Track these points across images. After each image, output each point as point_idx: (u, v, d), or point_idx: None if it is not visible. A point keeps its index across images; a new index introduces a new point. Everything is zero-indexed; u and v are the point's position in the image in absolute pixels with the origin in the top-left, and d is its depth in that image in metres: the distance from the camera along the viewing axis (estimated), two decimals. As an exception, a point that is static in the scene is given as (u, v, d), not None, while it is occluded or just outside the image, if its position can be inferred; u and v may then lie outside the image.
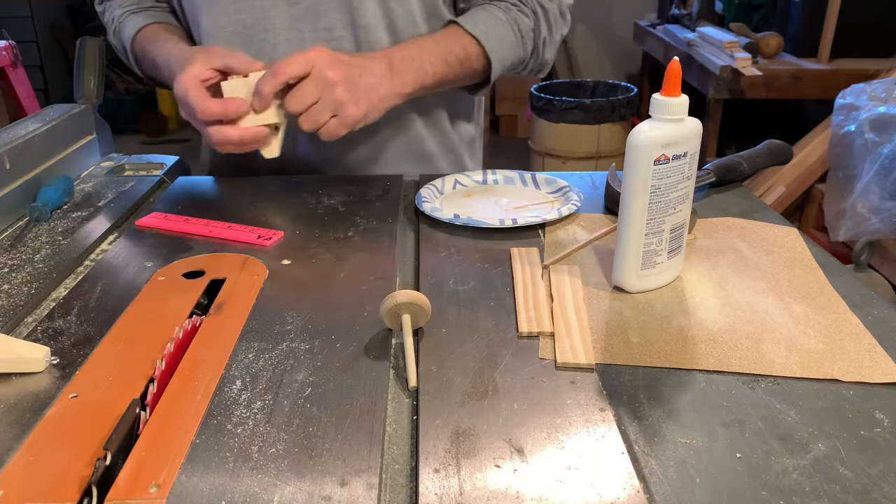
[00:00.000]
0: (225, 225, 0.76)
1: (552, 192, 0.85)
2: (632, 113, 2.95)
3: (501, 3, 0.91)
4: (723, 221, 0.76)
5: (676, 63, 0.56)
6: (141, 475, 0.41)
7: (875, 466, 0.42)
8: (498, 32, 0.89)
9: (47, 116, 0.90)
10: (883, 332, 0.56)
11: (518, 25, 0.91)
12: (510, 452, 0.43)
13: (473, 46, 0.88)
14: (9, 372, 0.52)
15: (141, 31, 0.93)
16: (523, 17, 0.91)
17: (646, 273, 0.62)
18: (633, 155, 0.58)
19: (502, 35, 0.89)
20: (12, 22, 3.52)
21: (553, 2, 0.93)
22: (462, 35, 0.88)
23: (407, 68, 0.83)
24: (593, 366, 0.52)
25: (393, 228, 0.76)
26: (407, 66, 0.83)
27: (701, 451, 0.43)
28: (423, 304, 0.55)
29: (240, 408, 0.47)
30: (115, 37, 0.98)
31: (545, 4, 0.92)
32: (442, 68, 0.86)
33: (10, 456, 0.43)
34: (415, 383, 0.50)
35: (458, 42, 0.87)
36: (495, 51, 0.89)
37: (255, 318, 0.58)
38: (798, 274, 0.65)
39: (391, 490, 0.42)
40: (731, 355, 0.53)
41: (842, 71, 2.34)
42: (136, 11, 0.97)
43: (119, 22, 0.97)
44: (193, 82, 0.76)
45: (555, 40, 0.96)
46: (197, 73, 0.77)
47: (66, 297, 0.63)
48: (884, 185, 1.86)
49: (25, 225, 0.76)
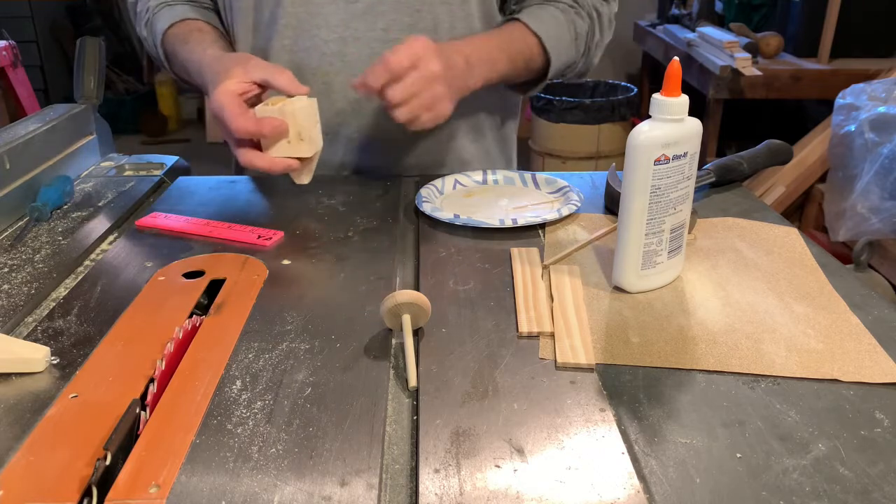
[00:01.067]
0: (225, 225, 0.76)
1: (552, 192, 0.85)
2: (632, 113, 2.95)
3: (560, 4, 0.91)
4: (723, 221, 0.76)
5: (676, 63, 0.56)
6: (141, 475, 0.41)
7: (875, 466, 0.42)
8: (558, 33, 0.89)
9: (47, 116, 0.90)
10: (883, 332, 0.56)
11: (575, 27, 0.91)
12: (510, 452, 0.43)
13: (536, 45, 0.88)
14: (9, 372, 0.52)
15: (173, 27, 0.90)
16: (580, 19, 0.91)
17: (646, 273, 0.62)
18: (633, 155, 0.58)
19: (560, 36, 0.90)
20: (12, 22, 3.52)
21: (605, 7, 0.94)
22: (526, 33, 0.88)
23: (479, 63, 0.83)
24: (593, 366, 0.52)
25: (393, 228, 0.76)
26: (478, 61, 0.83)
27: (701, 451, 0.43)
28: (423, 304, 0.55)
29: (240, 408, 0.47)
30: (146, 29, 0.94)
31: (600, 9, 0.93)
32: (508, 67, 0.86)
33: (10, 456, 0.43)
34: (415, 383, 0.50)
35: (523, 40, 0.88)
36: (554, 49, 0.89)
37: (255, 318, 0.58)
38: (798, 274, 0.65)
39: (391, 490, 0.42)
40: (732, 355, 0.53)
41: (842, 71, 2.34)
42: (171, 4, 0.93)
43: (153, 13, 0.93)
44: (229, 97, 0.73)
45: (603, 44, 0.96)
46: (234, 88, 0.74)
47: (66, 297, 0.63)
48: (884, 185, 1.86)
49: (25, 225, 0.76)
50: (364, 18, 0.87)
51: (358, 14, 0.87)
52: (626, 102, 2.90)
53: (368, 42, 0.88)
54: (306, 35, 0.88)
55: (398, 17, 0.87)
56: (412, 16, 0.88)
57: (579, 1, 0.92)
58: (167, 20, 0.90)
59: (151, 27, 0.93)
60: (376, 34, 0.88)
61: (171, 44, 0.90)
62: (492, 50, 0.85)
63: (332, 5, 0.87)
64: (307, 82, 0.89)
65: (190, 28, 0.90)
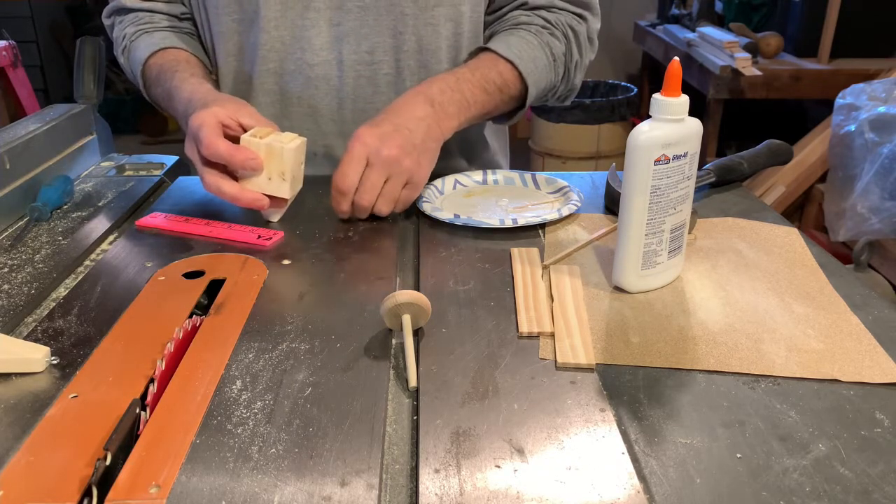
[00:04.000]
0: (225, 225, 0.76)
1: (552, 192, 0.85)
2: (632, 113, 2.95)
3: (532, 27, 0.89)
4: (723, 221, 0.76)
5: (676, 63, 0.56)
6: (141, 475, 0.41)
7: (875, 466, 0.42)
8: (532, 56, 0.86)
9: (47, 116, 0.90)
10: (883, 332, 0.56)
11: (551, 49, 0.88)
12: (510, 452, 0.43)
13: (509, 71, 0.85)
14: (9, 372, 0.52)
15: (156, 54, 0.88)
16: (555, 40, 0.89)
17: (646, 273, 0.62)
18: (633, 155, 0.58)
19: (536, 59, 0.86)
20: (12, 22, 3.52)
21: (582, 25, 0.91)
22: (496, 60, 0.85)
23: (449, 100, 0.79)
24: (593, 366, 0.52)
25: (393, 228, 0.76)
26: (448, 98, 0.80)
27: (701, 452, 0.43)
28: (424, 304, 0.55)
29: (240, 408, 0.47)
30: (123, 55, 0.93)
31: (575, 28, 0.90)
32: (482, 97, 0.83)
33: (10, 456, 0.43)
34: (415, 383, 0.50)
35: (493, 68, 0.84)
36: (531, 74, 0.86)
37: (255, 318, 0.58)
38: (798, 274, 0.65)
39: (391, 490, 0.42)
40: (732, 355, 0.53)
41: (842, 71, 2.34)
42: (150, 31, 0.92)
43: (131, 41, 0.92)
44: (212, 119, 0.72)
45: (584, 65, 0.94)
46: (221, 115, 0.73)
47: (66, 297, 0.63)
48: (884, 185, 1.86)
49: (25, 225, 0.76)
50: (348, 41, 0.87)
51: (341, 37, 0.87)
52: (626, 102, 2.90)
53: (353, 65, 0.88)
54: (291, 59, 0.88)
55: (381, 39, 0.87)
56: (395, 37, 0.87)
57: (552, 21, 0.89)
58: (147, 49, 0.88)
59: (129, 55, 0.91)
60: (360, 57, 0.87)
61: (156, 73, 0.87)
62: (460, 84, 0.81)
63: (315, 28, 0.86)
64: (293, 106, 0.91)
65: (178, 60, 0.88)
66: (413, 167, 0.75)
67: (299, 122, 0.92)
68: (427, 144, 0.77)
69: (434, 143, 0.78)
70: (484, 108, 0.84)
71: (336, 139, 0.93)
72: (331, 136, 0.93)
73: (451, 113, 0.80)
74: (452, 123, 0.80)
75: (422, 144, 0.76)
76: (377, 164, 0.73)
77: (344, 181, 0.73)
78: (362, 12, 0.86)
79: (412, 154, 0.75)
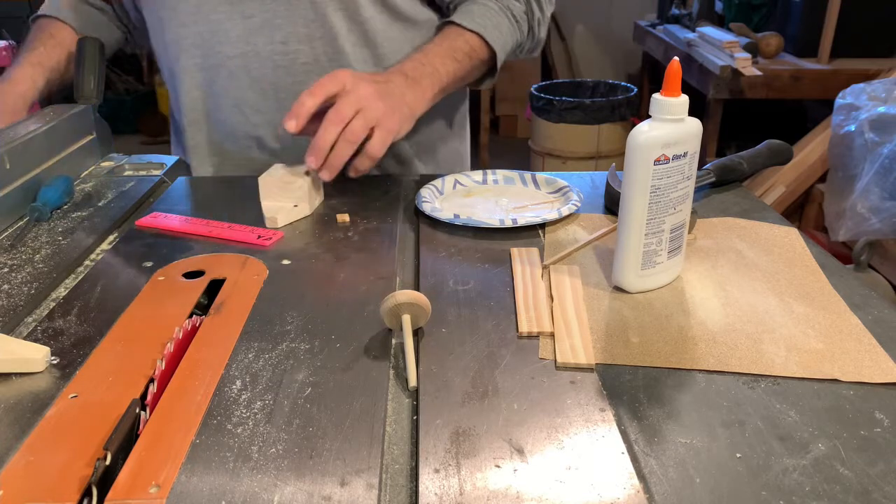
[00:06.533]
0: (225, 225, 0.76)
1: (552, 192, 0.85)
2: (632, 113, 2.95)
3: None
4: (723, 221, 0.76)
5: (676, 63, 0.56)
6: (141, 475, 0.41)
7: (875, 466, 0.42)
8: (495, 23, 0.90)
9: (47, 116, 0.90)
10: (883, 332, 0.56)
11: (511, 12, 0.92)
12: (510, 452, 0.43)
13: (475, 40, 0.88)
14: (9, 372, 0.52)
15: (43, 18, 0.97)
16: (514, 1, 0.92)
17: (646, 273, 0.62)
18: (633, 155, 0.58)
19: (499, 24, 0.90)
20: (12, 22, 3.52)
21: None
22: (461, 32, 0.88)
23: (421, 74, 0.83)
24: (593, 366, 0.52)
25: (393, 228, 0.76)
26: (420, 73, 0.83)
27: (701, 451, 0.43)
28: (423, 304, 0.55)
29: (240, 408, 0.47)
30: None
31: None
32: (453, 65, 0.86)
33: (10, 456, 0.43)
34: (415, 383, 0.50)
35: (459, 38, 0.88)
36: (496, 40, 0.89)
37: (255, 318, 0.58)
38: (798, 274, 0.65)
39: (391, 490, 0.42)
40: (731, 355, 0.53)
41: (842, 71, 2.34)
42: None
43: None
44: None
45: (546, 18, 0.97)
46: None
47: (66, 297, 0.63)
48: (884, 185, 1.86)
49: (25, 225, 0.76)
50: (262, 32, 0.88)
51: (255, 29, 0.88)
52: (626, 102, 2.90)
53: (270, 56, 0.89)
54: (211, 53, 0.89)
55: (294, 28, 0.88)
56: (308, 26, 0.88)
57: None
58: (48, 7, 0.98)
59: None
60: (275, 47, 0.88)
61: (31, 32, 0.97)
62: (429, 57, 0.85)
63: (230, 22, 0.88)
64: (220, 99, 0.92)
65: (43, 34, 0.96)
66: (385, 111, 0.76)
67: (229, 116, 0.93)
68: (403, 100, 0.79)
69: (408, 108, 0.80)
70: (456, 76, 0.87)
71: (265, 129, 0.94)
72: (260, 127, 0.94)
73: (426, 85, 0.83)
74: (427, 94, 0.83)
75: (399, 98, 0.78)
76: (350, 94, 0.74)
77: (308, 97, 0.73)
78: (273, 3, 0.87)
79: (387, 100, 0.76)
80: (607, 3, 3.92)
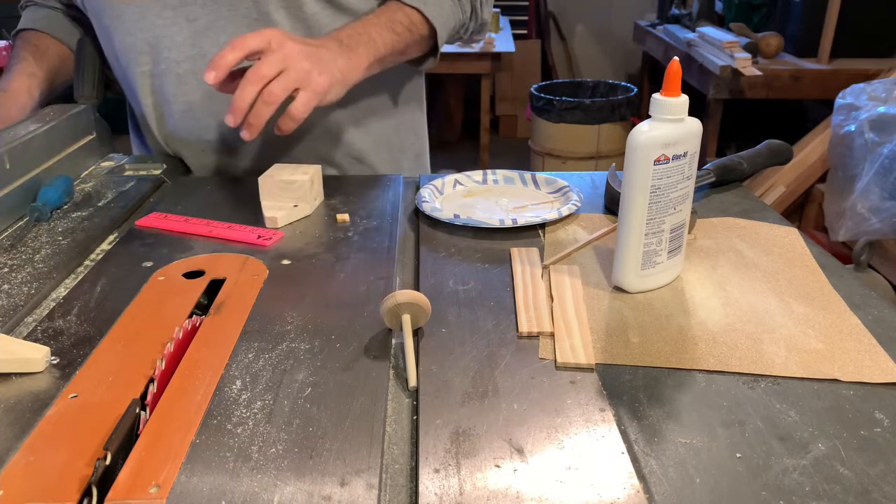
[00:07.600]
0: (225, 225, 0.76)
1: (552, 192, 0.85)
2: (632, 113, 2.95)
3: None
4: (723, 221, 0.76)
5: (676, 63, 0.56)
6: (141, 475, 0.41)
7: (875, 466, 0.42)
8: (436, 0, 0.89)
9: (47, 116, 0.90)
10: (883, 332, 0.56)
11: None
12: (510, 452, 0.43)
13: (415, 14, 0.88)
14: (9, 372, 0.52)
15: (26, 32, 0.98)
16: None
17: (646, 273, 0.62)
18: (633, 155, 0.58)
19: (440, 2, 0.89)
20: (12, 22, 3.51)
21: None
22: (401, 6, 0.88)
23: (357, 42, 0.82)
24: (593, 366, 0.52)
25: (393, 228, 0.76)
26: (356, 41, 0.82)
27: (701, 451, 0.43)
28: (423, 304, 0.55)
29: (240, 408, 0.47)
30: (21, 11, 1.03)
31: None
32: (390, 37, 0.85)
33: (10, 456, 0.43)
34: (415, 383, 0.50)
35: (399, 11, 0.87)
36: (437, 17, 0.88)
37: (255, 318, 0.58)
38: (798, 274, 0.65)
39: (391, 490, 0.42)
40: (731, 355, 0.53)
41: (842, 71, 2.34)
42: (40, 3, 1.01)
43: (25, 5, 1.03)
44: None
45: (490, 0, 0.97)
46: None
47: (66, 297, 0.63)
48: (884, 185, 1.86)
49: (25, 225, 0.76)
50: (207, 35, 0.88)
51: (200, 32, 0.88)
52: (626, 102, 2.90)
53: None
54: (160, 59, 0.89)
55: (238, 29, 0.87)
56: (251, 25, 0.87)
57: None
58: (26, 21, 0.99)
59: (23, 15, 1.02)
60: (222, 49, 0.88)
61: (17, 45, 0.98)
62: (367, 27, 0.83)
63: (176, 26, 0.87)
64: (172, 105, 0.92)
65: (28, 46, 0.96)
66: (312, 72, 0.74)
67: (181, 122, 0.93)
68: (332, 65, 0.78)
69: (341, 71, 0.78)
70: (394, 48, 0.86)
71: (215, 133, 0.93)
72: (209, 129, 0.93)
73: (361, 53, 0.82)
74: (362, 62, 0.82)
75: (330, 62, 0.77)
76: (275, 52, 0.73)
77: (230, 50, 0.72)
78: (215, 4, 0.87)
79: (314, 62, 0.75)
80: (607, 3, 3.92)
